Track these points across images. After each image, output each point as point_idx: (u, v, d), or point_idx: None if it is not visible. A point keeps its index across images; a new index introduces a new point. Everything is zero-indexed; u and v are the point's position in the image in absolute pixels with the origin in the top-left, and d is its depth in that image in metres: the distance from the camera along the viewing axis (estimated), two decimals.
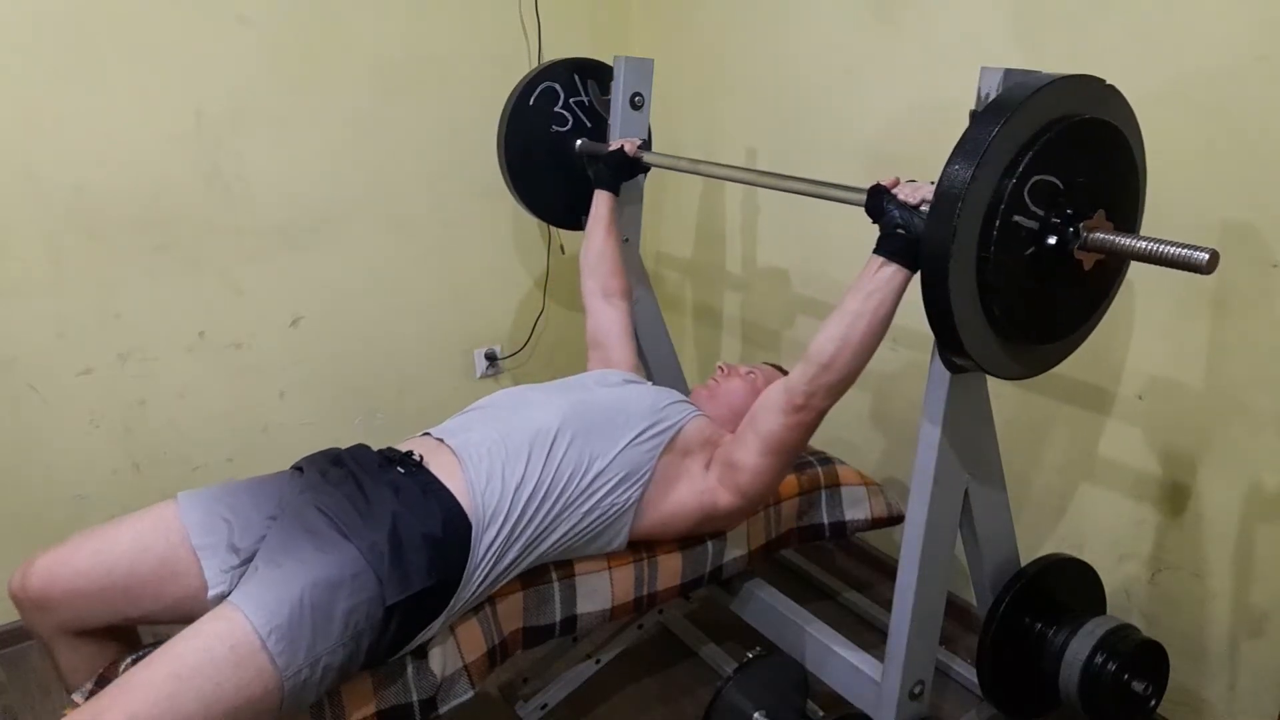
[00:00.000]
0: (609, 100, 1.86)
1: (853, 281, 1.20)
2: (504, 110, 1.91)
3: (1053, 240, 1.04)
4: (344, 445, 1.38)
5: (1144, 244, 0.99)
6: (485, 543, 1.21)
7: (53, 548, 1.18)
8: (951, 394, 1.21)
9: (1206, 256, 0.94)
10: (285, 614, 1.04)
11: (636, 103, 1.83)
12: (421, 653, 1.22)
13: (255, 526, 1.21)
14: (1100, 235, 1.03)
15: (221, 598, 1.12)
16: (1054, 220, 1.03)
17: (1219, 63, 1.35)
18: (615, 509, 1.33)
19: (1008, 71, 1.05)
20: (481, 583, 1.23)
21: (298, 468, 1.33)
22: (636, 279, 1.99)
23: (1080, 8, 1.51)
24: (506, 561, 1.25)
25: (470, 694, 1.27)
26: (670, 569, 1.46)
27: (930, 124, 1.77)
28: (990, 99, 1.07)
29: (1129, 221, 1.14)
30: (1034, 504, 1.75)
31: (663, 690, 1.79)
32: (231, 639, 1.01)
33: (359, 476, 1.24)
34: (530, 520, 1.25)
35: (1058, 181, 1.02)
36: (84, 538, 1.19)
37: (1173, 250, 0.97)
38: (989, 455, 1.34)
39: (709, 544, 1.51)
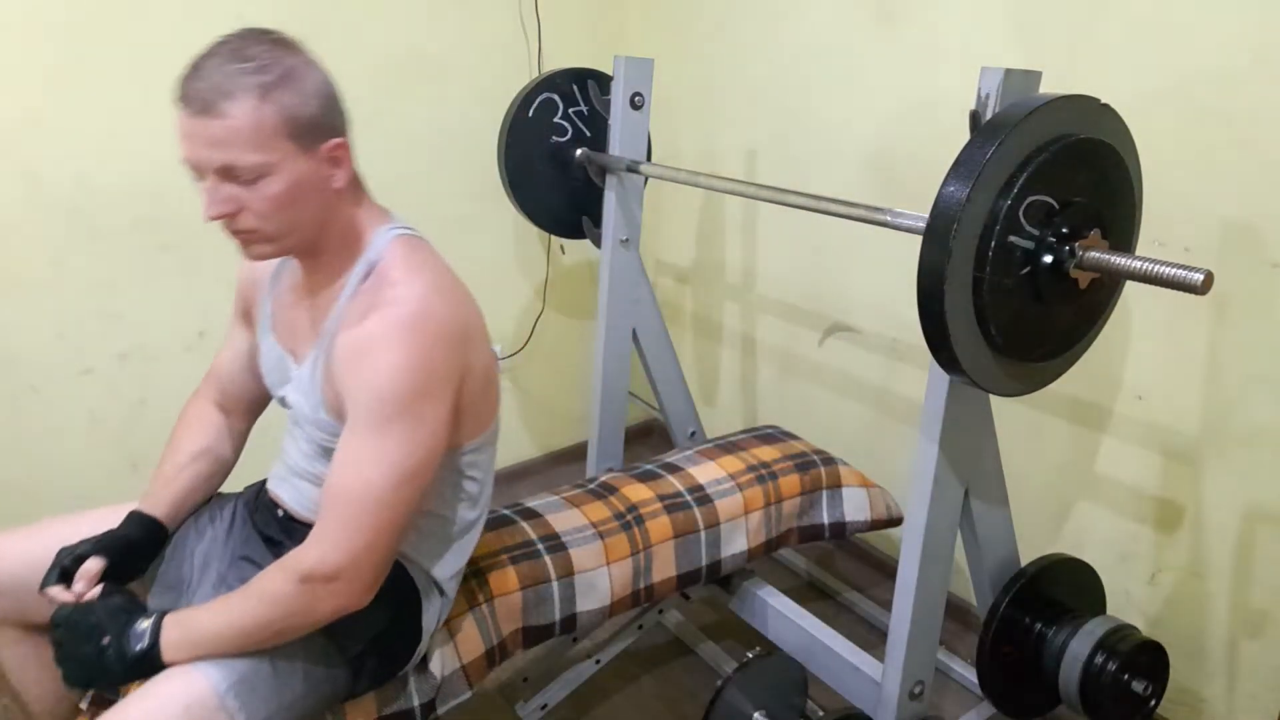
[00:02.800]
0: (609, 100, 1.86)
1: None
2: (503, 122, 1.91)
3: (1048, 260, 1.04)
4: None
5: (1139, 263, 1.00)
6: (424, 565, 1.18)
7: (3, 532, 1.15)
8: (951, 395, 1.21)
9: (1201, 277, 0.95)
10: (244, 669, 1.00)
11: (636, 103, 1.83)
12: (421, 656, 1.22)
13: (195, 560, 1.20)
14: (1095, 254, 1.04)
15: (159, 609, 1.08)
16: (1049, 240, 1.04)
17: (1219, 62, 1.35)
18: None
19: (1008, 71, 1.06)
20: (448, 580, 1.20)
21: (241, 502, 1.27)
22: (640, 286, 1.99)
23: (1080, 8, 1.51)
24: (463, 548, 1.20)
25: (468, 694, 1.27)
26: (665, 559, 1.47)
27: (930, 123, 1.77)
28: (990, 99, 1.07)
29: (1125, 240, 1.15)
30: (1034, 504, 1.75)
31: (663, 690, 1.79)
32: (187, 698, 0.96)
33: (284, 544, 1.17)
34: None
35: (1053, 201, 1.03)
36: (39, 527, 1.16)
37: (1168, 270, 0.98)
38: (989, 455, 1.35)
39: (703, 535, 1.51)
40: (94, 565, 1.08)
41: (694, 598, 1.80)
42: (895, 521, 1.73)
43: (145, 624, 1.00)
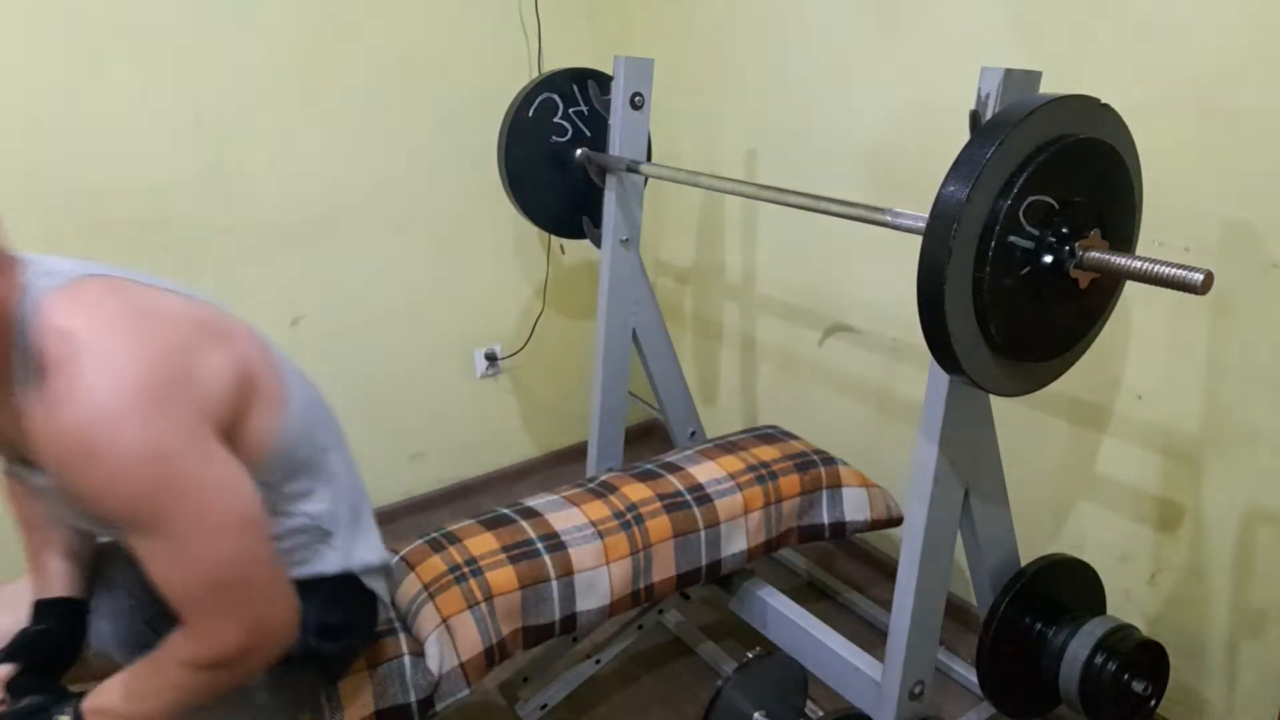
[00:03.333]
0: (609, 100, 1.87)
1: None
2: (503, 121, 1.91)
3: (1048, 260, 1.04)
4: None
5: (1139, 264, 1.00)
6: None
7: None
8: (951, 395, 1.21)
9: (1201, 277, 0.95)
10: None
11: (636, 103, 1.83)
12: (419, 651, 1.22)
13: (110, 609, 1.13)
14: (1096, 254, 1.04)
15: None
16: (1049, 240, 1.04)
17: (1219, 62, 1.35)
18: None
19: (1008, 71, 1.06)
20: (369, 553, 1.12)
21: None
22: (640, 286, 1.99)
23: (1080, 8, 1.51)
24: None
25: (466, 692, 1.27)
26: (665, 558, 1.47)
27: (930, 123, 1.77)
28: (990, 99, 1.07)
29: (1125, 240, 1.15)
30: (1034, 504, 1.75)
31: (663, 690, 1.79)
32: None
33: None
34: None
35: (1053, 201, 1.03)
36: None
37: (1168, 270, 0.98)
38: (989, 455, 1.35)
39: (703, 534, 1.51)
40: (1, 672, 1.01)
41: (694, 598, 1.80)
42: (895, 521, 1.73)
43: (65, 717, 0.94)
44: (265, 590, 0.92)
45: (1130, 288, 1.18)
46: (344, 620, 1.12)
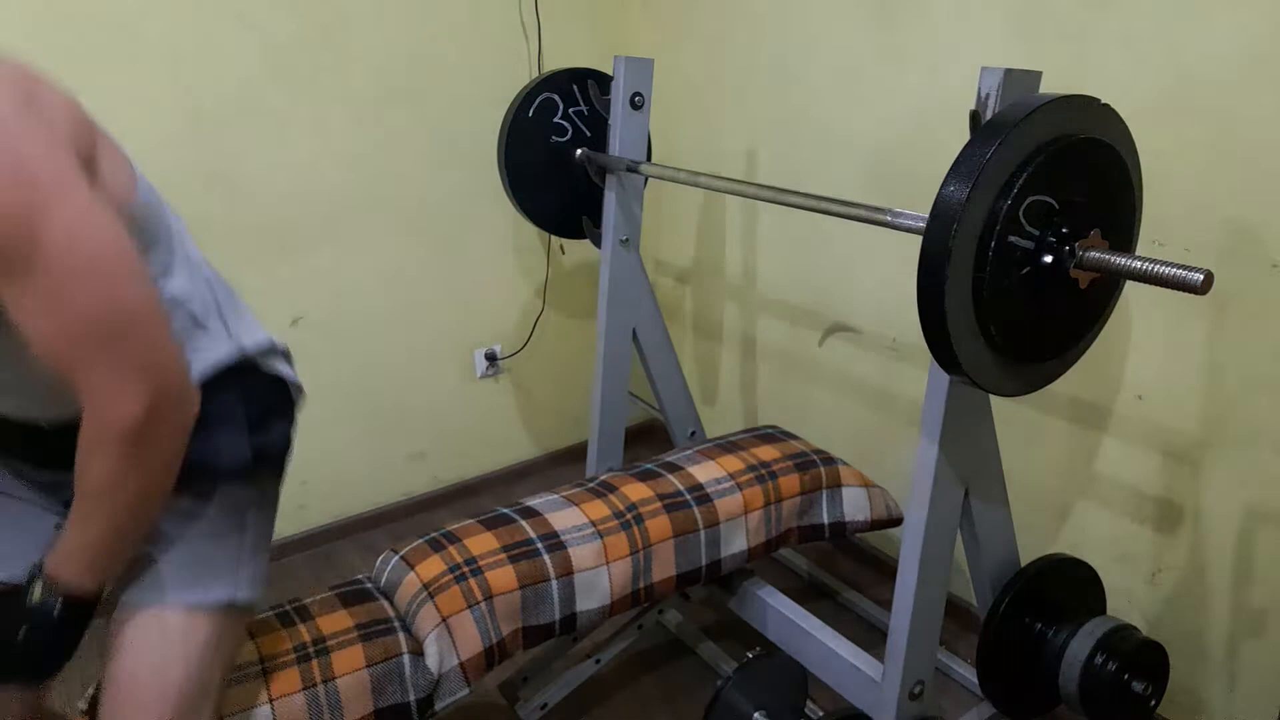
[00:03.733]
0: (609, 100, 1.87)
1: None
2: (503, 121, 1.92)
3: (1048, 260, 1.04)
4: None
5: (1139, 263, 1.00)
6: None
7: None
8: (951, 395, 1.21)
9: (1201, 277, 0.95)
10: (171, 574, 0.94)
11: (636, 103, 1.83)
12: (418, 650, 1.22)
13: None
14: (1096, 254, 1.04)
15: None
16: (1049, 240, 1.04)
17: (1219, 62, 1.36)
18: None
19: (1008, 71, 1.06)
20: (253, 333, 1.07)
21: None
22: (640, 286, 1.99)
23: (1080, 8, 1.51)
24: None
25: (466, 692, 1.27)
26: (665, 558, 1.47)
27: (930, 123, 1.77)
28: (990, 99, 1.07)
29: (1125, 240, 1.15)
30: (1034, 504, 1.75)
31: (663, 690, 1.79)
32: (162, 636, 0.92)
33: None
34: None
35: (1053, 201, 1.03)
36: None
37: (1168, 270, 0.98)
38: (989, 455, 1.35)
39: (703, 534, 1.51)
40: None
41: (694, 598, 1.80)
42: (895, 521, 1.73)
43: (36, 590, 0.89)
44: (153, 331, 0.85)
45: (1130, 288, 1.18)
46: (264, 408, 1.06)
